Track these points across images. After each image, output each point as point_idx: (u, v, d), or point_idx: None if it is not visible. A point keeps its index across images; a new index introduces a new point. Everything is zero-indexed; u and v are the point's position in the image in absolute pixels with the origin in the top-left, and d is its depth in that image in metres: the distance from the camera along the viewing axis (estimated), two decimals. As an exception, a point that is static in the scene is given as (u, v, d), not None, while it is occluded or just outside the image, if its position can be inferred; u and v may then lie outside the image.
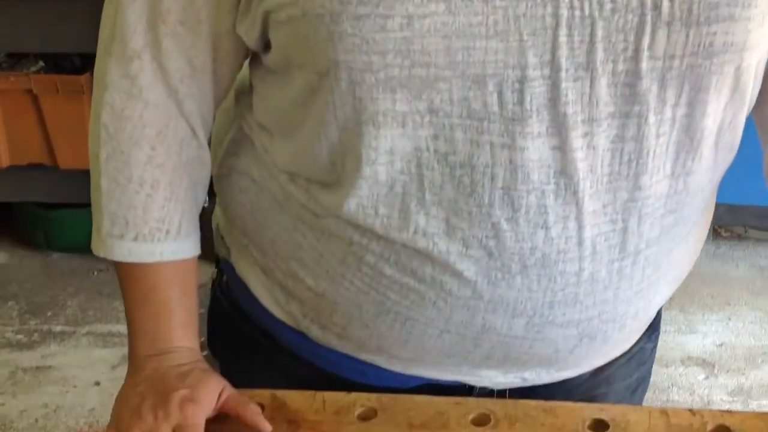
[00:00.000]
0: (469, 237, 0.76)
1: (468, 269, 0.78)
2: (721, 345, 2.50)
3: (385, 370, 0.91)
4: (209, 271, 1.07)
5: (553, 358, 0.86)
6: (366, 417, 0.86)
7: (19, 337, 2.56)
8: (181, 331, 0.86)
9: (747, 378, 2.38)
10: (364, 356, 0.91)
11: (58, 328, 2.57)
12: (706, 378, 2.39)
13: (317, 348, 0.92)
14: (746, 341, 2.51)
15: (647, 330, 0.98)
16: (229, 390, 0.84)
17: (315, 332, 0.91)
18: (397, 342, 0.86)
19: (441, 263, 0.78)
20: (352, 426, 0.85)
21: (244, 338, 0.98)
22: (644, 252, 0.80)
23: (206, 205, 2.38)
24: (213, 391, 0.82)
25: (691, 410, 0.85)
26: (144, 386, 0.82)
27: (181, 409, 0.79)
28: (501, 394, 0.93)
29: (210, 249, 1.23)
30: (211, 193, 0.98)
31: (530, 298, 0.80)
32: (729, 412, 0.85)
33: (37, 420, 2.24)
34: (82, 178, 0.87)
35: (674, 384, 2.36)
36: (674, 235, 0.82)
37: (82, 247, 2.82)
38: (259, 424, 0.81)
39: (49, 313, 2.64)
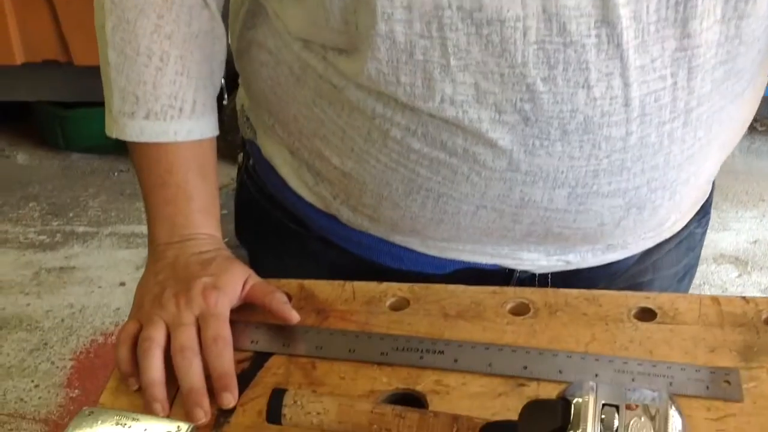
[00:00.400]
0: (502, 101, 0.70)
1: (502, 138, 0.72)
2: (755, 242, 2.44)
3: (420, 254, 0.87)
4: (231, 173, 1.02)
5: (598, 233, 0.81)
6: (398, 307, 0.82)
7: (42, 237, 2.54)
8: (202, 216, 0.81)
9: (781, 276, 2.33)
10: (398, 239, 0.86)
11: (81, 229, 2.56)
12: (739, 276, 2.34)
13: (349, 232, 0.88)
14: (781, 238, 2.45)
15: (698, 213, 0.93)
16: (255, 279, 0.80)
17: (346, 215, 0.86)
18: (431, 221, 0.81)
19: (472, 133, 0.72)
20: (383, 316, 0.81)
21: (273, 224, 0.94)
22: (696, 110, 0.73)
23: (225, 102, 2.33)
24: (237, 280, 0.78)
25: (744, 298, 0.80)
26: (165, 274, 0.78)
27: (204, 298, 0.75)
28: (542, 279, 0.88)
29: (229, 150, 1.19)
30: (232, 83, 0.93)
31: (572, 166, 0.74)
32: (786, 299, 0.80)
33: (63, 320, 2.25)
34: (99, 74, 0.81)
35: (706, 282, 2.32)
36: (727, 91, 0.75)
37: (102, 147, 2.82)
38: (285, 313, 0.77)
39: (70, 214, 2.62)
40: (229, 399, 0.70)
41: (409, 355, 0.76)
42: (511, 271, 0.87)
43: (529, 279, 0.88)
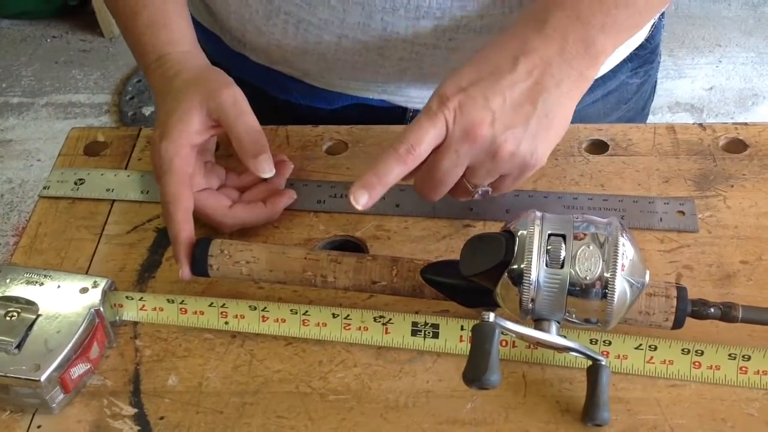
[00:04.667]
0: None
1: None
2: (711, 89, 2.40)
3: (308, 86, 0.81)
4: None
5: None
6: (335, 151, 0.77)
7: (-26, 110, 2.42)
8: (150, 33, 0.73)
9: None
10: (280, 68, 0.81)
11: (15, 100, 2.43)
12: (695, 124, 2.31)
13: (236, 57, 0.82)
14: (737, 84, 2.41)
15: (630, 61, 0.84)
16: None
17: (228, 39, 0.82)
18: (297, 51, 0.75)
19: None
20: (319, 161, 0.76)
21: None
22: None
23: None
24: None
25: (701, 124, 0.76)
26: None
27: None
28: None
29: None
30: None
31: None
32: (744, 124, 0.75)
33: (2, 195, 2.16)
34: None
35: (661, 130, 2.28)
36: None
37: (33, 12, 2.66)
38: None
39: (3, 85, 2.49)
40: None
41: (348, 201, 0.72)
42: (404, 110, 0.81)
43: None
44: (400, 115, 0.81)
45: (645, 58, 0.87)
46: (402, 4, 0.68)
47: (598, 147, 0.74)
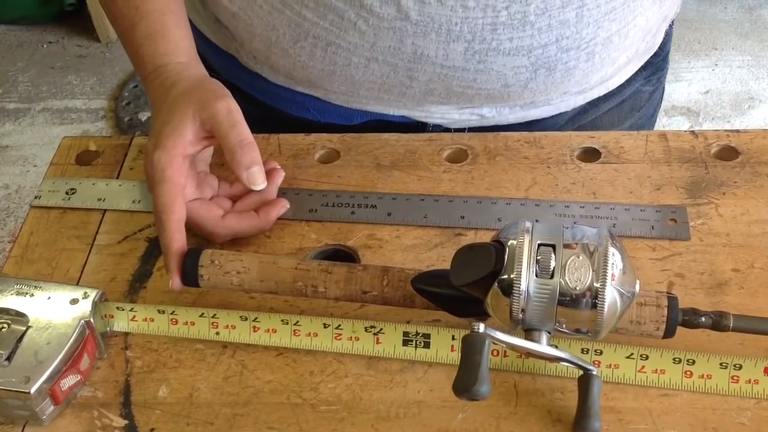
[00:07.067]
0: None
1: None
2: (707, 92, 2.41)
3: (326, 103, 0.81)
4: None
5: (504, 94, 0.74)
6: (327, 160, 0.77)
7: (-30, 116, 2.43)
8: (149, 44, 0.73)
9: (733, 126, 2.30)
10: (300, 88, 0.80)
11: (12, 106, 2.43)
12: (691, 127, 2.31)
13: (251, 76, 0.82)
14: (733, 87, 2.41)
15: (644, 69, 0.85)
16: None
17: (245, 58, 0.81)
18: (322, 72, 0.75)
19: None
20: (311, 170, 0.76)
21: None
22: None
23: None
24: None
25: (693, 132, 0.76)
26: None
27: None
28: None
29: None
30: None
31: (467, 18, 0.67)
32: (736, 131, 0.75)
33: (-1, 201, 2.17)
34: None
35: (657, 134, 2.28)
36: None
37: (29, 18, 2.66)
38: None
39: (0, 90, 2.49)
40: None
41: (340, 210, 0.72)
42: (423, 125, 0.82)
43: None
44: (419, 131, 0.81)
45: (657, 65, 0.88)
46: (433, 28, 0.68)
47: (590, 155, 0.74)
